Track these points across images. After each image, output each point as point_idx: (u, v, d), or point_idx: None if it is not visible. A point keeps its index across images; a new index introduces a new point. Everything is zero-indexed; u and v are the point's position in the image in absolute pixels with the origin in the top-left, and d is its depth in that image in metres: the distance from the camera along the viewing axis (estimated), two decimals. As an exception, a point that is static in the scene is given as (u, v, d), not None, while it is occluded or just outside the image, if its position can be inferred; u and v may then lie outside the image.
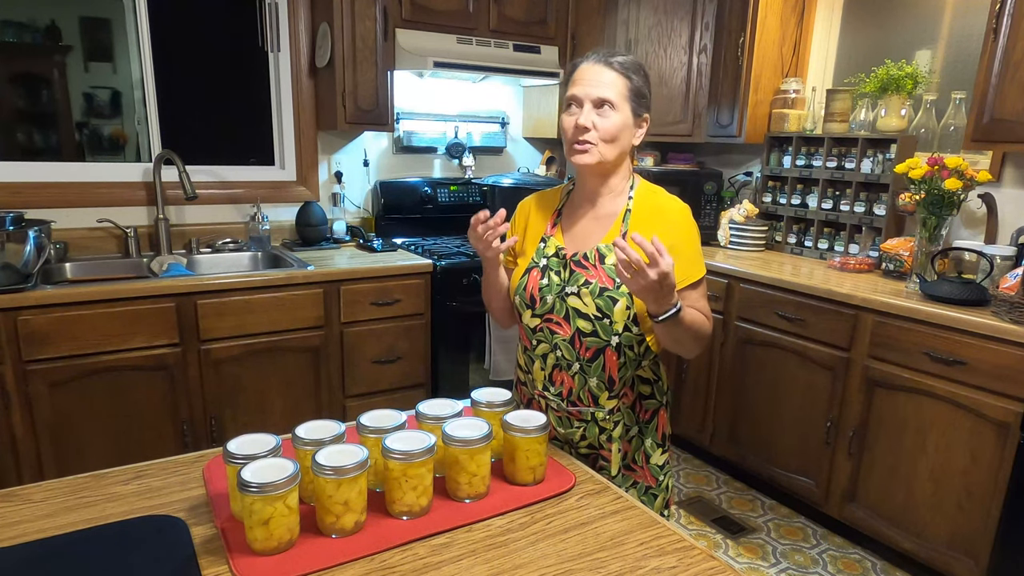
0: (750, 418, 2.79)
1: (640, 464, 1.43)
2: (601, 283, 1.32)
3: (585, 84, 1.31)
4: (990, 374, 2.03)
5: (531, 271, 1.40)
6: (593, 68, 1.31)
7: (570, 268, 1.36)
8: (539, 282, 1.38)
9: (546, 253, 1.40)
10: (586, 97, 1.30)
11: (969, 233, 2.63)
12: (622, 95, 1.31)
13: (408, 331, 2.80)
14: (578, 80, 1.32)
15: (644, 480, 1.43)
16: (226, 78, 3.10)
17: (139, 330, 2.26)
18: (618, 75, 1.30)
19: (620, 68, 1.31)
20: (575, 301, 1.34)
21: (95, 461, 2.23)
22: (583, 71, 1.32)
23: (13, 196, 2.52)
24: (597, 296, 1.31)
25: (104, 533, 1.00)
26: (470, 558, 0.98)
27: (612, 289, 1.31)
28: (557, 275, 1.37)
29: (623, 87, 1.31)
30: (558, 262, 1.38)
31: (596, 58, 1.32)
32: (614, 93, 1.30)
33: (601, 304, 1.31)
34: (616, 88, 1.30)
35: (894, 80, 2.63)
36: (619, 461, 1.39)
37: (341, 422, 1.14)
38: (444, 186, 3.38)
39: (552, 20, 3.25)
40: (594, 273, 1.33)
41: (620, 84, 1.30)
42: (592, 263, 1.34)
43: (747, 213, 3.13)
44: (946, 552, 2.19)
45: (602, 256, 1.33)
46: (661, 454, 1.45)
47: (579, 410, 1.38)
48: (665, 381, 1.46)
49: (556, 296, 1.36)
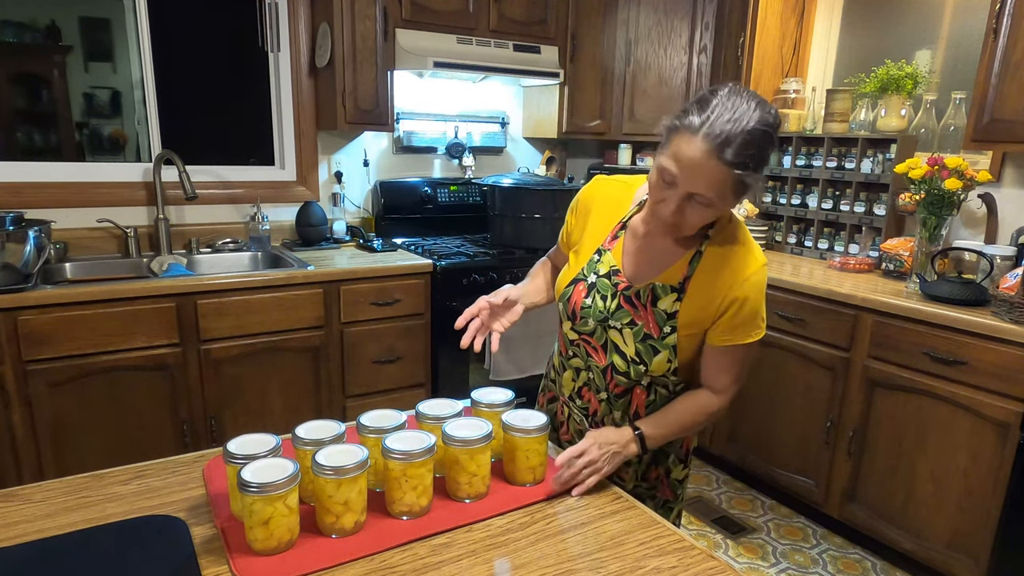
0: (750, 418, 2.79)
1: (660, 479, 1.38)
2: (647, 328, 1.20)
3: (684, 170, 1.04)
4: (990, 374, 2.02)
5: (577, 283, 1.28)
6: (699, 154, 1.02)
7: (619, 301, 1.23)
8: (583, 299, 1.27)
9: (598, 270, 1.26)
10: (679, 184, 1.06)
11: (969, 233, 2.63)
12: (723, 191, 1.06)
13: (408, 331, 2.80)
14: (677, 156, 1.05)
15: (662, 495, 1.39)
16: (226, 78, 3.10)
17: (139, 330, 2.26)
18: (726, 169, 1.02)
19: (730, 160, 1.02)
20: (616, 336, 1.24)
21: (95, 461, 2.23)
22: (685, 148, 1.03)
23: (13, 196, 2.52)
24: (639, 340, 1.21)
25: (104, 533, 1.00)
26: (470, 558, 0.98)
27: (656, 339, 1.20)
28: (603, 300, 1.24)
29: (728, 182, 1.04)
30: (608, 287, 1.24)
31: (706, 141, 1.02)
32: (715, 191, 1.05)
33: (641, 349, 1.21)
34: (719, 186, 1.05)
35: (894, 80, 2.63)
36: (634, 481, 1.35)
37: (341, 422, 1.14)
38: (444, 186, 3.38)
39: (552, 20, 3.25)
40: (642, 315, 1.21)
41: (726, 180, 1.04)
42: (643, 303, 1.21)
43: (747, 213, 3.13)
44: (946, 552, 2.19)
45: (656, 298, 1.20)
46: (682, 469, 1.40)
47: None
48: None
49: (598, 323, 1.25)
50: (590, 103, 3.35)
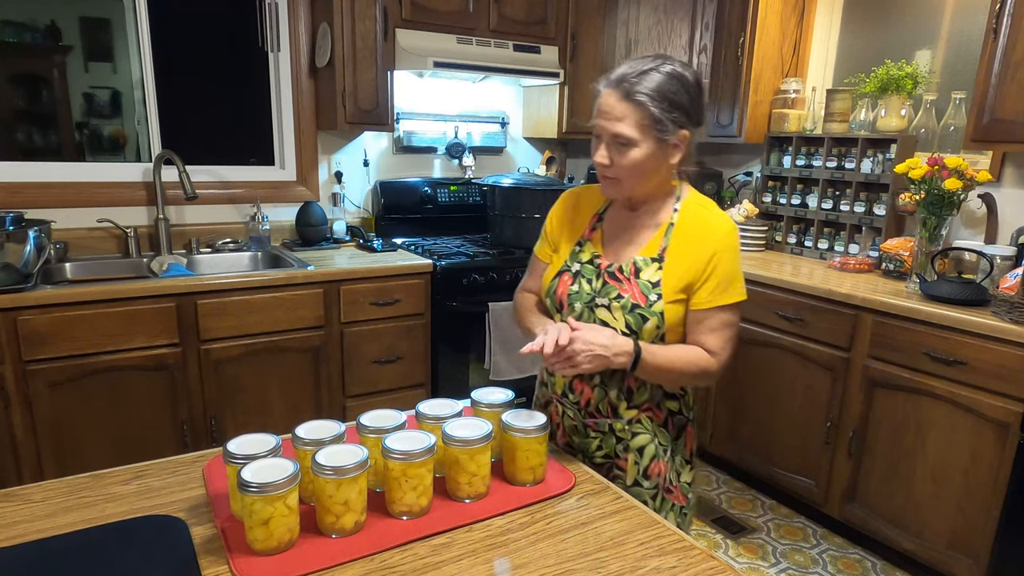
0: (750, 418, 2.79)
1: (675, 484, 1.37)
2: (634, 299, 1.25)
3: (602, 116, 1.20)
4: (990, 374, 2.02)
5: (562, 274, 1.34)
6: (609, 98, 1.19)
7: (603, 279, 1.29)
8: (569, 287, 1.32)
9: (581, 259, 1.34)
10: (603, 131, 1.21)
11: (969, 233, 2.63)
12: (639, 126, 1.17)
13: (408, 331, 2.80)
14: (598, 109, 1.21)
15: (678, 501, 1.38)
16: (226, 78, 3.10)
17: (139, 330, 2.26)
18: (631, 106, 1.16)
19: (636, 96, 1.16)
20: (604, 314, 1.27)
21: (95, 461, 2.22)
22: (603, 99, 1.20)
23: (13, 196, 2.52)
24: (628, 312, 1.25)
25: (104, 533, 1.00)
26: (470, 558, 0.98)
27: (644, 307, 1.24)
28: (589, 283, 1.31)
29: (640, 118, 1.17)
30: (592, 270, 1.32)
31: (612, 83, 1.19)
32: (629, 127, 1.17)
33: (631, 321, 1.25)
34: (632, 121, 1.17)
35: (894, 80, 2.63)
36: (635, 472, 1.34)
37: (341, 422, 1.14)
38: (444, 186, 3.38)
39: (552, 20, 3.25)
40: (627, 287, 1.27)
41: (636, 115, 1.17)
42: (627, 276, 1.27)
43: (747, 213, 3.13)
44: (946, 552, 2.19)
45: (638, 270, 1.27)
46: (689, 471, 1.41)
47: (596, 422, 1.34)
48: (691, 396, 1.40)
49: (585, 305, 1.30)
50: (590, 103, 3.35)
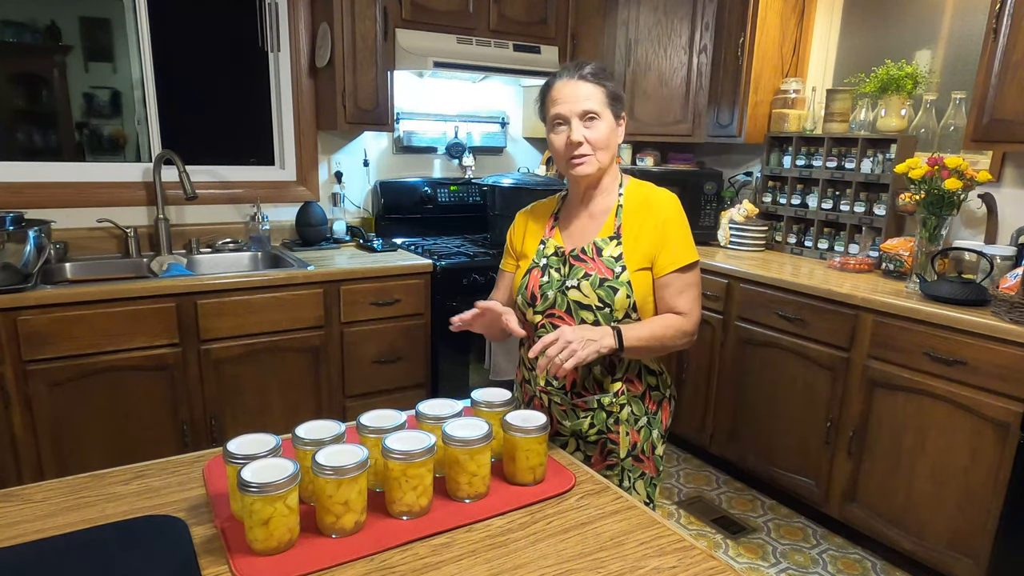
0: (750, 418, 2.79)
1: (648, 455, 1.48)
2: (600, 274, 1.38)
3: (567, 101, 1.36)
4: (990, 374, 2.02)
5: (532, 271, 1.46)
6: (569, 85, 1.36)
7: (569, 263, 1.42)
8: (540, 280, 1.44)
9: (545, 253, 1.46)
10: (572, 114, 1.36)
11: (969, 233, 2.63)
12: (603, 103, 1.37)
13: (408, 331, 2.80)
14: (558, 99, 1.37)
15: (649, 471, 1.49)
16: (226, 78, 3.10)
17: (139, 330, 2.26)
18: (594, 86, 1.36)
19: (594, 79, 1.37)
20: (576, 294, 1.39)
21: (95, 461, 2.23)
22: (560, 89, 1.37)
23: (13, 196, 2.52)
24: (598, 287, 1.37)
25: (104, 533, 1.00)
26: (470, 558, 0.98)
27: (611, 279, 1.37)
28: (557, 271, 1.43)
29: (601, 95, 1.37)
30: (557, 260, 1.44)
31: (568, 74, 1.38)
32: (596, 103, 1.36)
33: (602, 294, 1.37)
34: (596, 98, 1.36)
35: (894, 80, 2.63)
36: (627, 444, 1.44)
37: (341, 422, 1.14)
38: (444, 186, 3.38)
39: (552, 20, 3.25)
40: (593, 265, 1.39)
41: (598, 94, 1.37)
42: (590, 256, 1.40)
43: (747, 213, 3.13)
44: (946, 552, 2.19)
45: (599, 249, 1.40)
46: (663, 445, 1.52)
47: (584, 400, 1.42)
48: (668, 375, 1.53)
49: (557, 291, 1.41)
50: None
